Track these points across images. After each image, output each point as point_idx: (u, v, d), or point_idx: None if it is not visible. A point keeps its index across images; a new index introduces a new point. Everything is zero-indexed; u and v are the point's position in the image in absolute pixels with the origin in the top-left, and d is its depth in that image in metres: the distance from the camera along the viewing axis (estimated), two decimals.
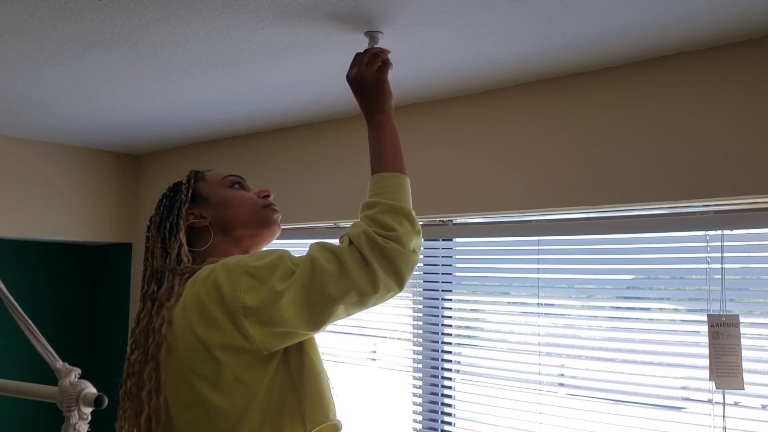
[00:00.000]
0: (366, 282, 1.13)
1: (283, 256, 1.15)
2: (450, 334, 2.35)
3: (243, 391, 1.12)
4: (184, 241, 1.27)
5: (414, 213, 1.22)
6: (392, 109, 1.39)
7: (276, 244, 1.35)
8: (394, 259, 1.14)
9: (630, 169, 1.84)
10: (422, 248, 2.42)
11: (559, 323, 2.07)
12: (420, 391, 2.40)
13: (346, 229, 1.20)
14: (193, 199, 1.33)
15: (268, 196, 1.38)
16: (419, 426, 2.39)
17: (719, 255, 1.79)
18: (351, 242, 1.15)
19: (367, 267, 1.13)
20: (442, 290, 2.39)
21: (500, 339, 2.23)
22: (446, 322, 2.36)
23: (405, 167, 1.30)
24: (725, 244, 1.79)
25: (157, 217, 1.33)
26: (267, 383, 1.13)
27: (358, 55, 1.46)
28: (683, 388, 1.85)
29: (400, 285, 1.17)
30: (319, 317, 1.13)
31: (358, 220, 1.22)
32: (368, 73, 1.40)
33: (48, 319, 3.51)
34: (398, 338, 2.51)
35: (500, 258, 2.26)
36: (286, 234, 2.88)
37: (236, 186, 1.37)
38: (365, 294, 1.13)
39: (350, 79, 1.43)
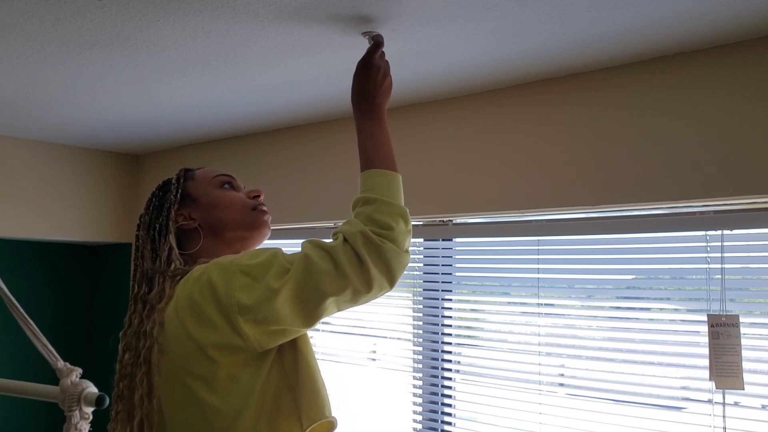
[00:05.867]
0: (360, 280, 1.12)
1: (276, 254, 1.15)
2: (450, 334, 2.35)
3: (237, 390, 1.12)
4: (174, 243, 1.26)
5: (408, 212, 1.22)
6: (386, 108, 1.38)
7: (276, 244, 1.35)
8: (389, 258, 1.14)
9: (630, 169, 1.84)
10: (423, 248, 2.43)
11: (559, 323, 2.07)
12: (420, 391, 2.40)
13: (340, 227, 1.19)
14: (183, 200, 1.31)
15: (259, 196, 1.37)
16: (419, 426, 2.39)
17: (719, 255, 1.79)
18: (345, 240, 1.14)
19: (362, 265, 1.12)
20: (442, 290, 2.39)
21: (500, 339, 2.23)
22: (446, 322, 2.36)
23: (396, 164, 1.29)
24: (725, 244, 1.79)
25: (147, 217, 1.32)
26: (262, 382, 1.13)
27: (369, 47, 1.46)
28: (683, 388, 1.85)
29: (391, 284, 1.16)
30: (312, 314, 1.13)
31: (352, 217, 1.22)
32: (382, 62, 1.40)
33: (48, 319, 3.51)
34: (398, 338, 2.51)
35: (500, 258, 2.25)
36: (286, 234, 2.88)
37: (226, 186, 1.35)
38: (359, 292, 1.13)
39: (362, 64, 1.40)
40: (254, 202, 1.35)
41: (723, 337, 1.72)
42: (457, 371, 2.33)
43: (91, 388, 1.59)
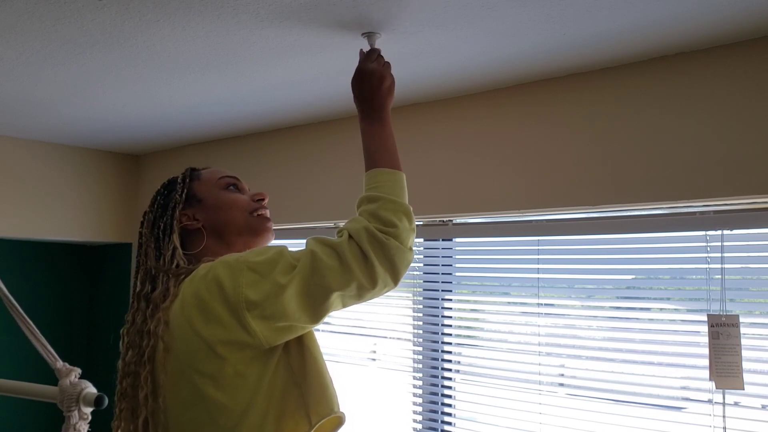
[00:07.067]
0: (365, 276, 1.14)
1: (282, 251, 1.16)
2: (450, 334, 2.35)
3: (244, 387, 1.12)
4: (177, 243, 1.27)
5: (412, 210, 1.23)
6: (390, 107, 1.39)
7: (276, 244, 1.35)
8: (392, 255, 1.15)
9: (630, 169, 1.84)
10: (423, 248, 2.43)
11: (559, 323, 2.07)
12: (420, 391, 2.40)
13: (345, 224, 1.20)
14: (188, 200, 1.32)
15: (263, 199, 1.37)
16: (419, 426, 2.39)
17: (719, 255, 1.79)
18: (350, 237, 1.16)
19: (366, 262, 1.14)
20: (442, 290, 2.39)
21: (500, 339, 2.23)
22: (446, 322, 2.36)
23: (400, 163, 1.30)
24: (725, 244, 1.79)
25: (151, 215, 1.32)
26: (268, 378, 1.14)
27: (364, 52, 1.48)
28: (683, 388, 1.85)
29: (395, 281, 1.18)
30: (318, 309, 1.14)
31: (357, 215, 1.23)
32: (376, 65, 1.41)
33: (48, 319, 3.50)
34: (398, 338, 2.51)
35: (500, 258, 2.25)
36: (286, 234, 2.88)
37: (231, 188, 1.36)
38: (363, 288, 1.15)
39: (357, 71, 1.42)
40: (257, 206, 1.35)
41: (723, 337, 1.72)
42: (457, 371, 2.33)
43: (90, 389, 1.59)
